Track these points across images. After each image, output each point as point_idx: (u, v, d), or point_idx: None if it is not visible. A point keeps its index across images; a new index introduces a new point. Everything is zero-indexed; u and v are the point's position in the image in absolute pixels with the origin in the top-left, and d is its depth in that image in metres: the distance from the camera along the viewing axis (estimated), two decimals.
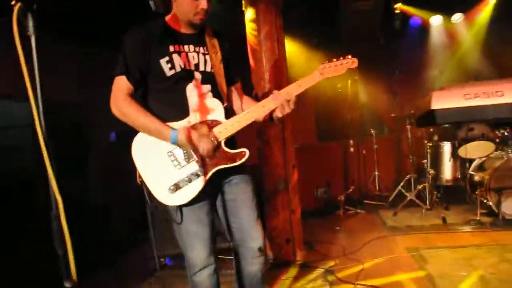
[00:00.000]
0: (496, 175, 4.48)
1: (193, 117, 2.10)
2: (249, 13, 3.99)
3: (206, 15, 2.11)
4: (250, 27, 3.97)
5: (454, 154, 5.25)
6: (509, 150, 4.66)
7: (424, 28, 6.67)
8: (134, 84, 2.06)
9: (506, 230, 4.24)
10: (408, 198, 5.35)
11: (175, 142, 2.03)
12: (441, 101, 2.01)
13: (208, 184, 2.07)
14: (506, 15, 6.15)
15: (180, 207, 2.07)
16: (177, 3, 2.12)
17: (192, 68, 2.13)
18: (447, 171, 5.33)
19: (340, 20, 6.56)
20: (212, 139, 2.05)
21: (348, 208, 5.77)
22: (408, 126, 5.69)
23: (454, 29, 6.57)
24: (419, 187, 5.35)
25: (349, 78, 6.17)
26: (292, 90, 2.13)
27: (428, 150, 5.33)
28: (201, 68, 2.16)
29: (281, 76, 3.95)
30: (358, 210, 5.69)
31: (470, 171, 4.99)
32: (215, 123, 2.11)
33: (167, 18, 2.20)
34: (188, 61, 2.13)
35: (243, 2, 4.09)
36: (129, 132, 2.12)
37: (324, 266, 3.66)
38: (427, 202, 5.19)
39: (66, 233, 1.18)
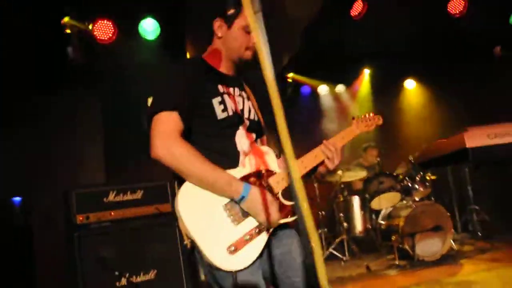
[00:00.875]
0: (409, 222, 5.00)
1: (248, 161, 1.85)
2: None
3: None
4: None
5: (364, 206, 5.75)
6: (412, 199, 5.33)
7: (315, 96, 7.42)
8: (185, 122, 1.73)
9: (425, 268, 4.71)
10: (328, 252, 5.56)
11: (244, 198, 1.69)
12: (475, 140, 2.23)
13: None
14: (381, 87, 7.30)
15: (236, 273, 1.68)
16: (225, 38, 1.91)
17: (240, 113, 1.91)
18: (358, 223, 5.76)
19: None
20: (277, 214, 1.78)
21: None
22: (316, 184, 6.07)
23: (340, 98, 7.47)
24: (337, 240, 5.63)
25: None
26: (338, 142, 2.04)
27: (340, 205, 5.73)
28: (246, 114, 1.95)
29: None
30: None
31: (380, 221, 5.49)
32: (269, 173, 1.88)
33: (204, 56, 1.98)
34: (236, 105, 1.91)
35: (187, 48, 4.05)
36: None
37: None
38: (346, 254, 5.47)
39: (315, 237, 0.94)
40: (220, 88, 1.87)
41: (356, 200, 5.80)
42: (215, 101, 1.82)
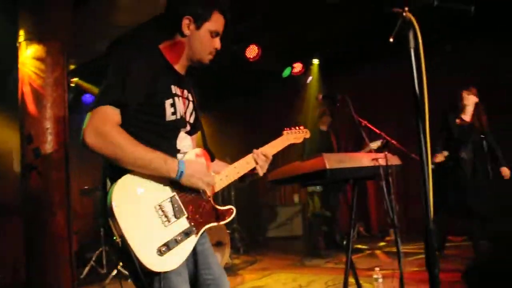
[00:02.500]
0: None
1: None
2: (32, 50, 3.30)
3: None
4: (32, 65, 3.27)
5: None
6: None
7: None
8: (125, 117, 1.70)
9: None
10: (115, 270, 5.27)
11: (182, 174, 1.71)
12: (331, 163, 2.78)
13: None
14: None
15: (164, 273, 1.69)
16: (191, 37, 1.88)
17: (185, 116, 1.93)
18: None
19: None
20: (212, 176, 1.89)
21: None
22: None
23: None
24: None
25: None
26: (268, 151, 2.14)
27: None
28: (188, 117, 1.97)
29: (63, 129, 3.41)
30: None
31: None
32: None
33: (162, 48, 1.92)
34: (184, 108, 1.93)
35: (21, 32, 3.33)
36: None
37: None
38: None
39: None
40: (173, 89, 1.88)
41: None
42: (167, 102, 1.82)
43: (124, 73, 1.70)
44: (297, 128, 2.41)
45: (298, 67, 6.79)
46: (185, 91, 1.96)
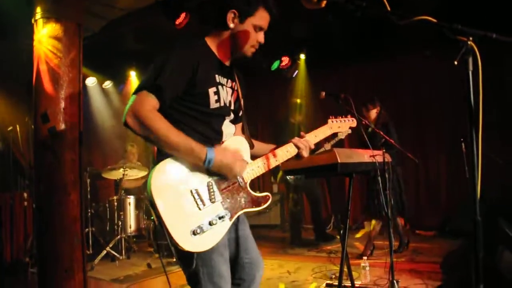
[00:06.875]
0: None
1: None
2: (49, 28, 3.28)
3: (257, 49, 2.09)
4: (49, 44, 3.25)
5: (139, 206, 5.81)
6: None
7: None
8: (162, 103, 1.80)
9: None
10: (105, 251, 5.31)
11: (210, 161, 1.80)
12: (342, 158, 2.93)
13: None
14: None
15: (196, 254, 1.83)
16: (235, 30, 1.98)
17: (229, 105, 2.05)
18: (132, 222, 5.74)
19: None
20: (245, 164, 1.97)
21: None
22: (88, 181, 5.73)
23: (108, 94, 7.19)
24: (116, 239, 5.46)
25: None
26: (311, 139, 2.22)
27: (115, 203, 5.62)
28: (232, 106, 2.07)
29: (77, 110, 3.42)
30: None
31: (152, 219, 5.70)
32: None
33: (208, 42, 2.03)
34: (228, 97, 2.05)
35: (38, 10, 3.30)
36: None
37: None
38: (123, 253, 5.39)
39: None
40: (217, 77, 1.98)
41: (132, 200, 5.80)
42: (211, 90, 1.93)
43: (165, 61, 1.81)
44: (343, 117, 2.43)
45: (285, 60, 6.99)
46: (230, 81, 2.06)
